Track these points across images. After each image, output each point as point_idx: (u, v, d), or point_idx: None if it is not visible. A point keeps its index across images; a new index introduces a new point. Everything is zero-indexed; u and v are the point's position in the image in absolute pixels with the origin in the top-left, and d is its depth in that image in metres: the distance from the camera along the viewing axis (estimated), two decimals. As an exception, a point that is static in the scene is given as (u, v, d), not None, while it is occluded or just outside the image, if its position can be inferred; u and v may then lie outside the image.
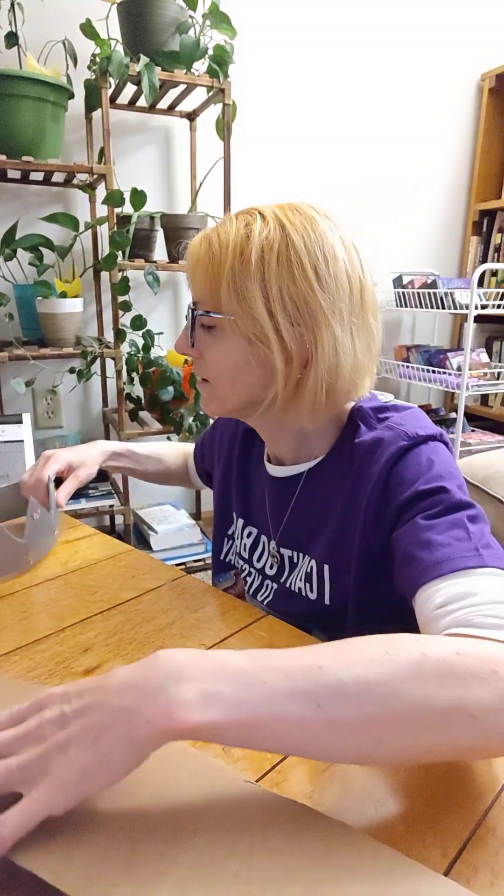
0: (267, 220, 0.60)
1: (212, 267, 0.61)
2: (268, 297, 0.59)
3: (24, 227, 1.87)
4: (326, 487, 0.70)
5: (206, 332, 0.65)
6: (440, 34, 2.46)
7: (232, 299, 0.60)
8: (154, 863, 0.36)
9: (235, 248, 0.59)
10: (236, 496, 0.84)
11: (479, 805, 0.44)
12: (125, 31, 1.72)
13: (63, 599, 0.72)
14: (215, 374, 0.66)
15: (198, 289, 0.64)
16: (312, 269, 0.58)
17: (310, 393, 0.62)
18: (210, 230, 0.64)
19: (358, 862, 0.37)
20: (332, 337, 0.60)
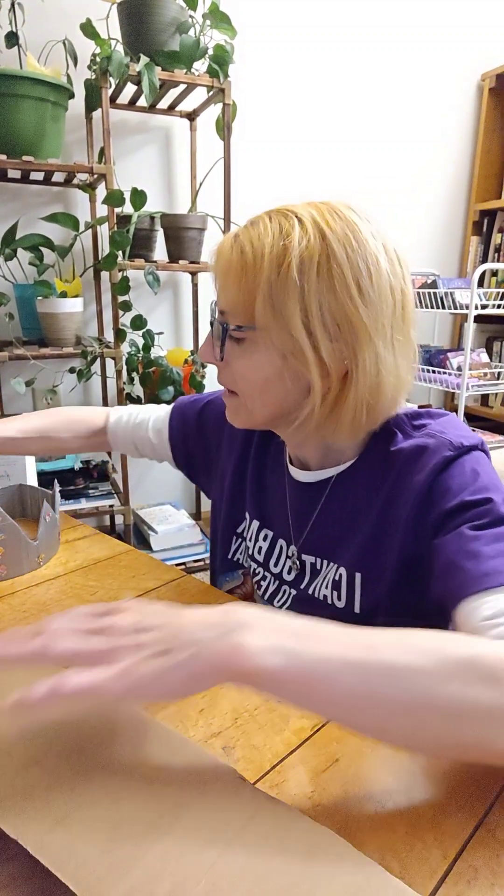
0: (306, 226, 0.56)
1: (245, 278, 0.57)
2: (306, 313, 0.55)
3: (24, 226, 1.87)
4: (357, 494, 0.67)
5: (236, 343, 0.61)
6: (440, 34, 2.46)
7: (267, 313, 0.56)
8: (132, 846, 0.37)
9: (272, 260, 0.55)
10: (251, 496, 0.80)
11: (480, 806, 0.44)
12: (125, 30, 1.72)
13: (63, 599, 0.72)
14: (243, 386, 0.63)
15: (228, 298, 0.60)
16: (355, 282, 0.55)
17: (349, 412, 0.59)
18: (241, 232, 0.59)
19: (335, 870, 0.37)
20: (374, 354, 0.57)
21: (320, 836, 0.39)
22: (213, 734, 0.50)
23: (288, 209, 0.58)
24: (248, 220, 0.60)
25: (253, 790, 0.42)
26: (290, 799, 0.44)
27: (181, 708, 0.53)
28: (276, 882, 0.36)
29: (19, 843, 0.37)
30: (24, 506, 0.93)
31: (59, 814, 0.39)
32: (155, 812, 0.40)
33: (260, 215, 0.59)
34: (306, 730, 0.51)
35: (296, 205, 0.59)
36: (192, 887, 0.35)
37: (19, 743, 0.46)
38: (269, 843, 0.38)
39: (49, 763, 0.44)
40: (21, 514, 0.93)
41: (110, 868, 0.36)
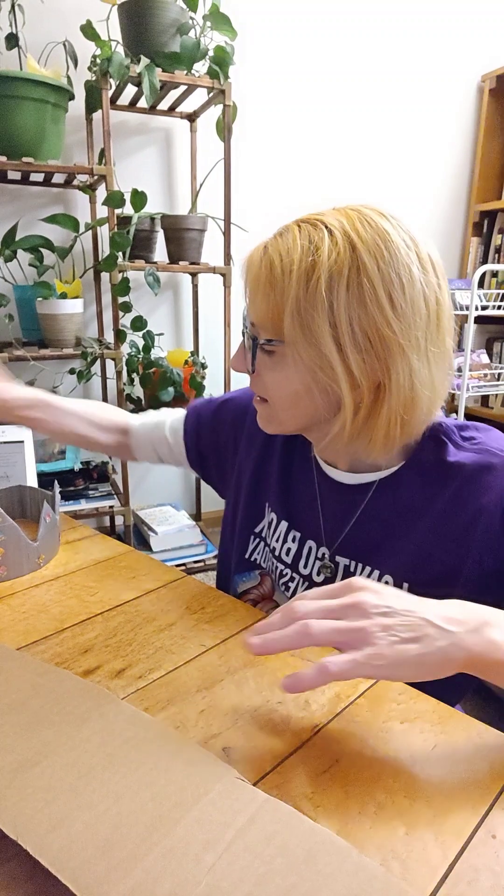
0: (335, 237, 0.54)
1: (274, 293, 0.56)
2: (336, 328, 0.54)
3: (24, 228, 1.87)
4: (402, 499, 0.66)
5: (266, 356, 0.61)
6: (440, 35, 2.46)
7: (295, 328, 0.56)
8: (132, 846, 0.37)
9: (301, 275, 0.54)
10: (277, 496, 0.79)
11: (480, 806, 0.44)
12: (126, 32, 1.72)
13: (63, 600, 0.72)
14: (274, 397, 0.62)
15: (257, 311, 0.60)
16: (386, 295, 0.53)
17: (382, 427, 0.58)
18: (270, 244, 0.58)
19: (336, 871, 0.37)
20: (408, 368, 0.56)
21: (321, 837, 0.39)
22: (213, 735, 0.50)
23: (318, 218, 0.57)
24: (278, 230, 0.59)
25: (253, 791, 0.42)
26: (290, 800, 0.44)
27: (181, 708, 0.53)
28: (276, 883, 0.36)
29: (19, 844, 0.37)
30: (24, 507, 0.93)
31: (59, 814, 0.39)
32: (155, 813, 0.40)
33: (289, 224, 0.58)
34: (307, 731, 0.51)
35: (325, 212, 0.58)
36: (193, 888, 0.35)
37: (19, 743, 0.46)
38: (269, 844, 0.38)
39: (49, 763, 0.44)
40: (21, 515, 0.93)
41: (110, 869, 0.36)
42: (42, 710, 0.49)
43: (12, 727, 0.47)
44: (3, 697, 0.51)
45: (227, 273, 1.96)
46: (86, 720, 0.48)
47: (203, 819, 0.39)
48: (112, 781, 0.42)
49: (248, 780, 0.45)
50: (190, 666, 0.59)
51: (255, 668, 0.59)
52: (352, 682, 0.57)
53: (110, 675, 0.58)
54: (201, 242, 1.95)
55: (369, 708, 0.53)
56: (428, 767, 0.47)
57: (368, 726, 0.51)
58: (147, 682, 0.57)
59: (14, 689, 0.52)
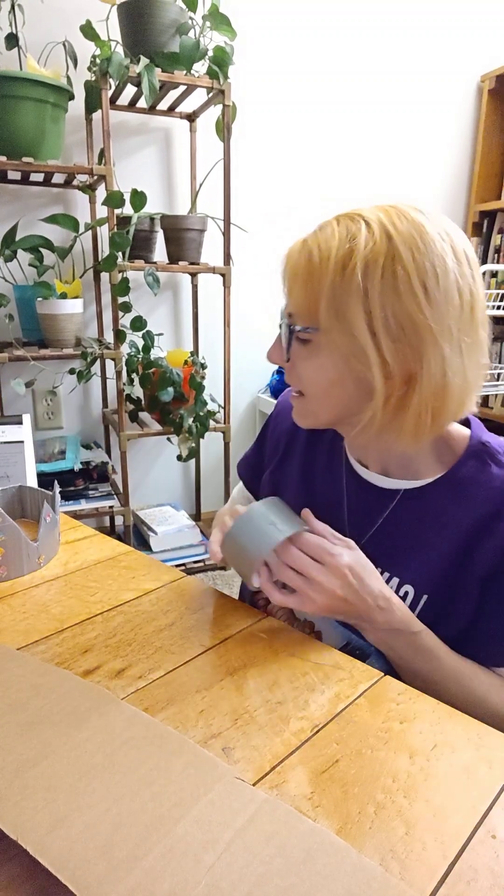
0: (372, 228, 0.56)
1: (311, 281, 0.58)
2: (370, 315, 0.55)
3: (24, 228, 1.87)
4: (433, 513, 0.66)
5: (301, 345, 0.62)
6: (440, 35, 2.46)
7: (330, 315, 0.57)
8: (132, 847, 0.37)
9: (337, 263, 0.56)
10: (296, 494, 0.79)
11: (480, 806, 0.44)
12: (125, 32, 1.72)
13: (63, 600, 0.72)
14: (308, 387, 0.64)
15: (294, 301, 0.61)
16: (420, 284, 0.54)
17: (412, 416, 0.59)
18: (310, 237, 0.60)
19: (336, 872, 0.37)
20: (440, 357, 0.56)
21: (320, 838, 0.39)
22: (212, 735, 0.50)
23: (355, 213, 0.58)
24: (318, 225, 0.61)
25: (253, 791, 0.42)
26: (289, 800, 0.44)
27: (181, 708, 0.53)
28: (275, 883, 0.36)
29: (19, 844, 0.37)
30: (24, 507, 0.93)
31: (59, 814, 0.39)
32: (155, 813, 0.40)
33: (328, 220, 0.60)
34: (306, 731, 0.51)
35: (364, 208, 0.59)
36: (192, 888, 0.35)
37: (19, 743, 0.46)
38: (268, 844, 0.38)
39: (49, 763, 0.44)
40: (21, 515, 0.93)
41: (110, 869, 0.36)
42: (42, 711, 0.49)
43: (13, 727, 0.47)
44: (3, 697, 0.51)
45: (226, 273, 1.96)
46: (86, 720, 0.48)
47: (202, 819, 0.39)
48: (112, 782, 0.42)
49: (248, 780, 0.45)
50: (190, 666, 0.59)
51: (254, 668, 0.59)
52: (351, 683, 0.57)
53: (110, 675, 0.58)
54: (201, 242, 1.95)
55: (369, 708, 0.54)
56: (427, 767, 0.47)
57: (368, 726, 0.51)
58: (147, 683, 0.57)
59: (14, 689, 0.52)
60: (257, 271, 2.32)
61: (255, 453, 0.92)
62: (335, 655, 0.61)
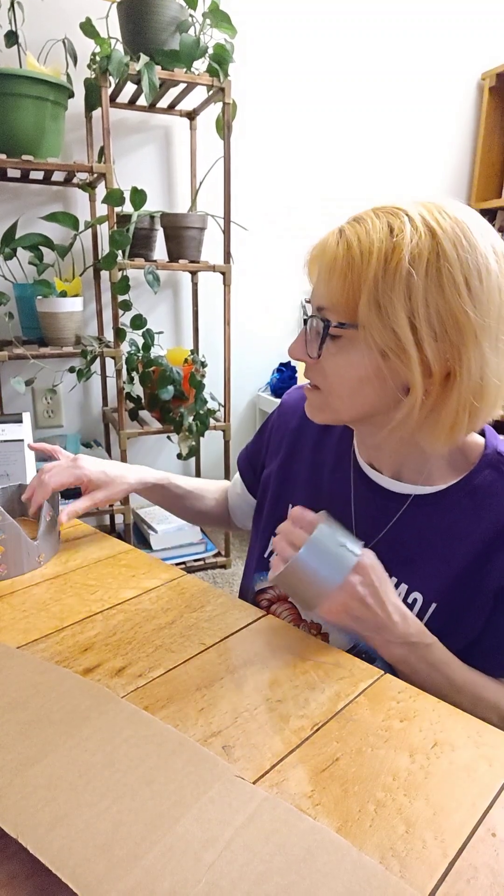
0: (415, 223, 0.55)
1: (351, 273, 0.56)
2: (413, 311, 0.54)
3: (23, 226, 1.87)
4: (445, 521, 0.65)
5: (331, 341, 0.60)
6: (440, 33, 2.46)
7: (372, 310, 0.55)
8: (133, 845, 0.37)
9: (381, 256, 0.54)
10: (304, 495, 0.78)
11: (480, 805, 0.44)
12: (125, 29, 1.72)
13: (63, 599, 0.72)
14: (335, 384, 0.62)
15: (329, 293, 0.59)
16: (464, 282, 0.54)
17: (450, 415, 0.58)
18: (348, 228, 0.58)
19: (336, 870, 0.37)
20: (480, 356, 0.55)
21: (320, 836, 0.39)
22: (212, 733, 0.50)
23: (396, 207, 0.57)
24: (353, 217, 0.59)
25: (252, 789, 0.42)
26: (289, 798, 0.44)
27: (181, 707, 0.53)
28: (275, 881, 0.36)
29: (19, 842, 0.37)
30: (24, 505, 0.93)
31: (60, 812, 0.39)
32: (155, 811, 0.40)
33: (366, 212, 0.58)
34: (306, 729, 0.51)
35: (402, 202, 0.58)
36: (192, 887, 0.35)
37: (19, 741, 0.46)
38: (268, 842, 0.38)
39: (49, 761, 0.44)
40: (21, 514, 0.93)
41: (110, 867, 0.36)
42: (42, 709, 0.49)
43: (13, 726, 0.47)
44: (3, 696, 0.51)
45: (226, 271, 1.95)
46: (86, 719, 0.48)
47: (202, 817, 0.39)
48: (112, 780, 0.42)
49: (248, 778, 0.45)
50: (189, 664, 0.59)
51: (254, 666, 0.59)
52: (352, 681, 0.57)
53: (110, 673, 0.58)
54: (201, 241, 1.94)
55: (369, 706, 0.54)
56: (427, 766, 0.47)
57: (368, 725, 0.51)
58: (147, 681, 0.57)
59: (14, 687, 0.52)
60: (257, 269, 2.31)
61: (254, 445, 0.92)
62: (335, 654, 0.61)
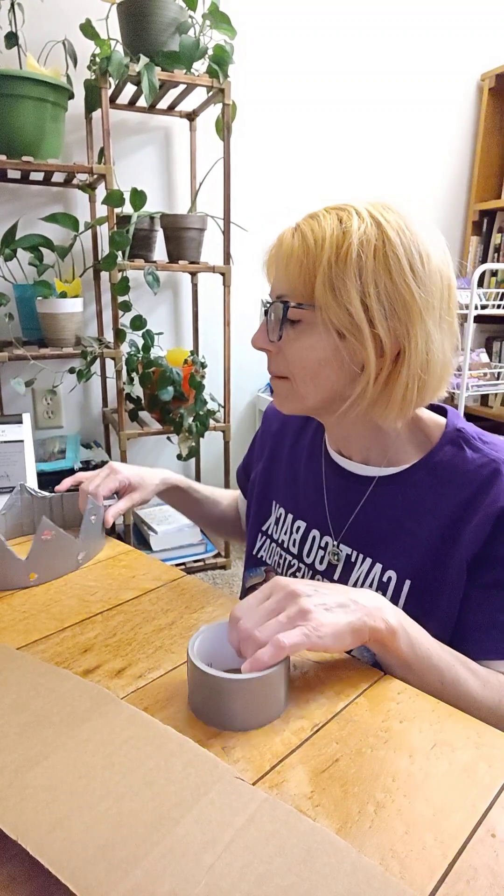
0: (362, 216, 0.60)
1: (307, 259, 0.61)
2: (364, 292, 0.59)
3: (24, 227, 1.87)
4: (410, 499, 0.68)
5: (291, 327, 0.64)
6: (440, 34, 2.46)
7: (327, 292, 0.60)
8: (133, 847, 0.37)
9: (332, 243, 0.59)
10: (283, 489, 0.82)
11: (479, 805, 0.44)
12: (125, 31, 1.72)
13: (63, 600, 0.72)
14: (297, 369, 0.65)
15: (287, 281, 0.63)
16: (409, 265, 0.59)
17: (401, 388, 0.62)
18: (301, 223, 0.63)
19: (336, 871, 0.37)
20: (426, 333, 0.61)
21: (320, 837, 0.39)
22: (212, 734, 0.50)
23: (346, 204, 0.62)
24: (308, 215, 0.64)
25: (252, 790, 0.42)
26: (289, 799, 0.44)
27: (181, 708, 0.53)
28: (275, 883, 0.36)
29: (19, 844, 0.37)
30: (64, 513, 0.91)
31: (59, 814, 0.39)
32: (155, 813, 0.40)
33: (318, 210, 0.63)
34: (306, 730, 0.51)
35: (352, 201, 0.63)
36: (192, 888, 0.35)
37: (19, 743, 0.46)
38: (268, 843, 0.38)
39: (49, 763, 0.44)
40: (62, 522, 0.92)
41: (110, 869, 0.36)
42: (42, 710, 0.49)
43: (13, 727, 0.47)
44: (3, 697, 0.51)
45: (226, 272, 1.95)
46: (86, 720, 0.48)
47: (202, 819, 0.39)
48: (112, 781, 0.42)
49: (248, 779, 0.45)
50: (190, 665, 0.59)
51: (254, 667, 0.59)
52: (351, 682, 0.57)
53: (110, 674, 0.58)
54: (201, 241, 1.95)
55: (368, 707, 0.54)
56: (427, 766, 0.47)
57: (367, 725, 0.51)
58: (147, 682, 0.57)
59: (14, 689, 0.52)
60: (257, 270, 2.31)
61: (247, 457, 0.96)
62: (335, 654, 0.61)
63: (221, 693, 0.50)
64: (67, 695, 0.51)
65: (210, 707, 0.51)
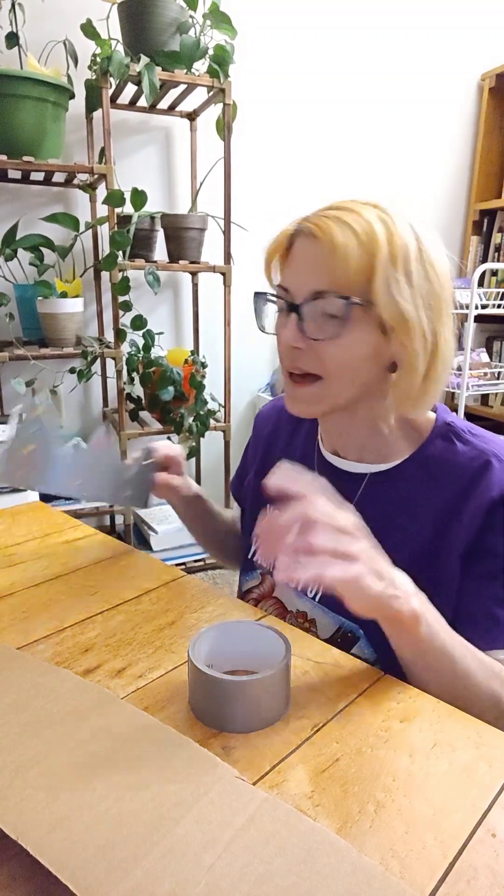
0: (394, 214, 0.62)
1: (363, 254, 0.59)
2: (412, 290, 0.61)
3: (24, 227, 1.87)
4: (402, 494, 0.69)
5: (329, 323, 0.62)
6: (440, 34, 2.46)
7: (383, 288, 0.60)
8: (133, 847, 0.37)
9: (386, 240, 0.60)
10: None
11: (480, 805, 0.44)
12: (126, 31, 1.72)
13: (63, 600, 0.72)
14: (335, 367, 0.64)
15: (331, 276, 0.61)
16: (436, 271, 0.62)
17: (437, 383, 0.65)
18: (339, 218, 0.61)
19: (336, 871, 0.37)
20: (448, 330, 0.64)
21: (320, 837, 0.39)
22: (212, 734, 0.50)
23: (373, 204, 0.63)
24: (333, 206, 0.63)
25: (253, 790, 0.42)
26: (289, 799, 0.44)
27: (181, 708, 0.53)
28: (276, 883, 0.36)
29: (19, 844, 0.37)
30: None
31: (59, 814, 0.39)
32: (155, 813, 0.40)
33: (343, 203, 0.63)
34: (306, 730, 0.51)
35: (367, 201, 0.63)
36: (193, 888, 0.35)
37: (19, 743, 0.46)
38: (268, 843, 0.38)
39: (49, 763, 0.44)
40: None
41: (110, 868, 0.36)
42: (42, 711, 0.49)
43: (13, 727, 0.47)
44: (3, 697, 0.51)
45: (227, 272, 1.95)
46: (86, 720, 0.48)
47: (203, 819, 0.39)
48: (112, 781, 0.42)
49: (248, 779, 0.45)
50: (190, 665, 0.59)
51: (254, 667, 0.59)
52: (351, 682, 0.57)
53: (110, 674, 0.58)
54: (201, 241, 1.95)
55: (369, 707, 0.54)
56: (427, 766, 0.47)
57: (368, 725, 0.51)
58: (147, 682, 0.57)
59: (15, 689, 0.52)
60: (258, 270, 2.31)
61: (241, 468, 0.95)
62: (335, 654, 0.61)
63: (222, 694, 0.50)
64: (67, 695, 0.51)
65: (210, 708, 0.51)
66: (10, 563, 0.81)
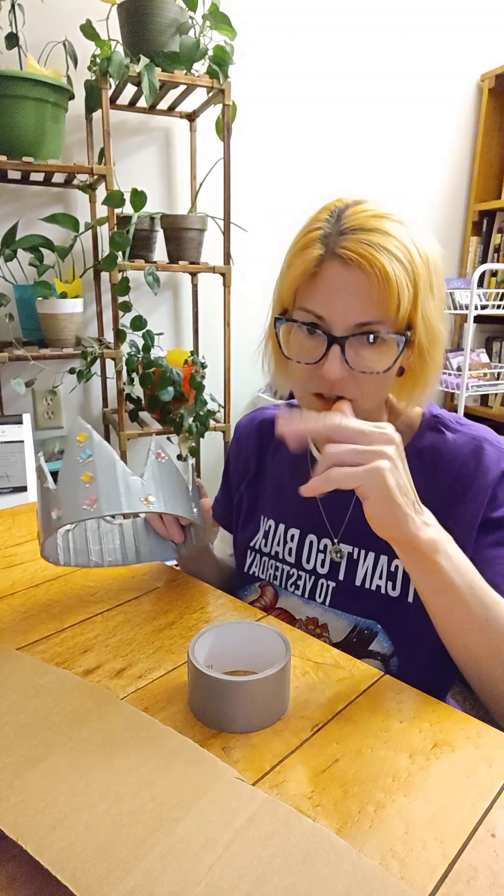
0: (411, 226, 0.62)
1: (410, 284, 0.60)
2: (435, 301, 0.63)
3: (24, 227, 1.87)
4: None
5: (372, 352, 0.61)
6: (440, 34, 2.46)
7: (421, 313, 0.62)
8: (132, 847, 0.37)
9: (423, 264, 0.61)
10: (271, 503, 0.82)
11: (479, 805, 0.44)
12: (125, 31, 1.72)
13: (63, 600, 0.72)
14: (371, 389, 0.63)
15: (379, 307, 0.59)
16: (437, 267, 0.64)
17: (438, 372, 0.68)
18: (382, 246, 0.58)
19: (336, 871, 0.37)
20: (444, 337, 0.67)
21: (319, 837, 0.39)
22: (212, 734, 0.50)
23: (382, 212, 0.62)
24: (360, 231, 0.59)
25: (252, 791, 0.42)
26: (289, 799, 0.44)
27: (181, 708, 0.53)
28: (275, 883, 0.36)
29: (19, 844, 0.37)
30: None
31: (60, 814, 0.39)
32: (155, 813, 0.40)
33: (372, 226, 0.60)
34: (306, 730, 0.51)
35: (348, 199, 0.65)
36: (192, 889, 0.35)
37: (19, 743, 0.46)
38: (268, 844, 0.38)
39: (49, 763, 0.44)
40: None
41: (110, 869, 0.36)
42: (42, 711, 0.49)
43: (12, 728, 0.47)
44: (3, 698, 0.51)
45: (226, 273, 1.95)
46: (86, 720, 0.48)
47: (202, 819, 0.39)
48: (112, 782, 0.42)
49: (248, 779, 0.45)
50: (190, 666, 0.59)
51: (254, 667, 0.59)
52: (351, 683, 0.57)
53: (110, 674, 0.58)
54: (201, 242, 1.95)
55: (368, 707, 0.54)
56: (427, 766, 0.47)
57: (368, 725, 0.51)
58: (147, 682, 0.57)
59: (14, 689, 0.52)
60: (258, 271, 2.32)
61: (223, 493, 0.92)
62: (335, 654, 0.61)
63: (222, 695, 0.50)
64: (67, 695, 0.51)
65: (210, 709, 0.51)
66: (10, 564, 0.81)
